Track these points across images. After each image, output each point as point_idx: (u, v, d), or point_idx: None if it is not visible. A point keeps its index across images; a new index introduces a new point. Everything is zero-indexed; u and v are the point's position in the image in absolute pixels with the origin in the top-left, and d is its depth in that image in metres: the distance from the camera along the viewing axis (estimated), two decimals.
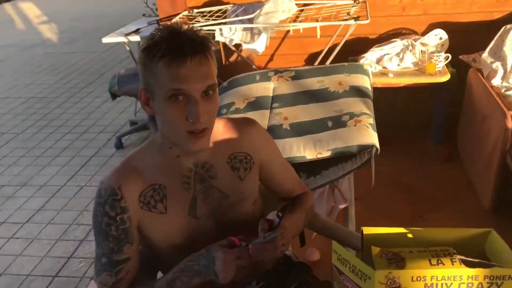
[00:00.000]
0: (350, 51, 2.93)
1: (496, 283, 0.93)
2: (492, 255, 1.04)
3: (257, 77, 2.20)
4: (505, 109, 2.27)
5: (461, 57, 2.83)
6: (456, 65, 2.82)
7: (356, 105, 1.93)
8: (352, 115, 1.87)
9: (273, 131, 1.87)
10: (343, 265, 1.00)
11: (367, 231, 1.10)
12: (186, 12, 3.09)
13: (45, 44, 7.38)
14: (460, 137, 2.95)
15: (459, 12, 3.00)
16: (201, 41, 1.05)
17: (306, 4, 3.01)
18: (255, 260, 1.07)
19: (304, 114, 1.95)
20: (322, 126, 1.86)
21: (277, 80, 2.17)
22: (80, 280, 2.39)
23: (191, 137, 1.08)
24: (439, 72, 2.72)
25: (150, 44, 1.04)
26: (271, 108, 2.03)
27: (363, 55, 2.86)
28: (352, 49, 2.94)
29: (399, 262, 0.97)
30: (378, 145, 1.76)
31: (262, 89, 2.14)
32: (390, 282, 0.92)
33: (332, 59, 2.83)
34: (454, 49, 2.82)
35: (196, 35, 1.05)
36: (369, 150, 1.76)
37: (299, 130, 1.87)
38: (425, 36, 2.88)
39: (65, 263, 2.52)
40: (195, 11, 3.08)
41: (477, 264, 0.95)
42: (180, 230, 1.17)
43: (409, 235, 1.09)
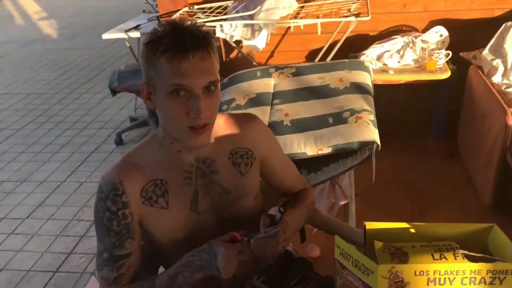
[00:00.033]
0: (350, 48, 2.92)
1: (499, 278, 0.93)
2: (495, 250, 1.04)
3: (258, 74, 2.20)
4: (506, 106, 2.27)
5: (461, 54, 2.83)
6: (457, 62, 2.81)
7: (357, 101, 1.93)
8: (353, 112, 1.87)
9: (274, 128, 1.87)
10: (346, 259, 1.00)
11: (369, 226, 1.10)
12: (187, 8, 3.08)
13: (45, 40, 7.36)
14: (460, 134, 2.95)
15: (459, 9, 3.00)
16: (203, 37, 1.04)
17: (307, 1, 3.02)
18: (256, 255, 1.07)
19: (305, 110, 1.95)
20: (323, 123, 1.86)
21: (278, 77, 2.17)
22: (81, 276, 2.39)
23: (192, 133, 1.07)
24: (439, 69, 2.72)
25: (152, 39, 1.04)
26: (272, 104, 2.03)
27: (363, 52, 2.86)
28: (353, 46, 2.94)
29: (402, 256, 0.97)
30: (379, 142, 1.77)
31: (263, 85, 2.13)
32: (393, 277, 0.93)
33: (333, 55, 2.84)
34: (454, 46, 2.82)
35: (198, 31, 1.05)
36: (369, 146, 1.76)
37: (300, 126, 1.87)
38: (426, 33, 2.88)
39: (65, 259, 2.52)
40: (195, 7, 3.07)
41: (480, 258, 0.95)
42: (182, 225, 1.17)
43: (412, 230, 1.09)
